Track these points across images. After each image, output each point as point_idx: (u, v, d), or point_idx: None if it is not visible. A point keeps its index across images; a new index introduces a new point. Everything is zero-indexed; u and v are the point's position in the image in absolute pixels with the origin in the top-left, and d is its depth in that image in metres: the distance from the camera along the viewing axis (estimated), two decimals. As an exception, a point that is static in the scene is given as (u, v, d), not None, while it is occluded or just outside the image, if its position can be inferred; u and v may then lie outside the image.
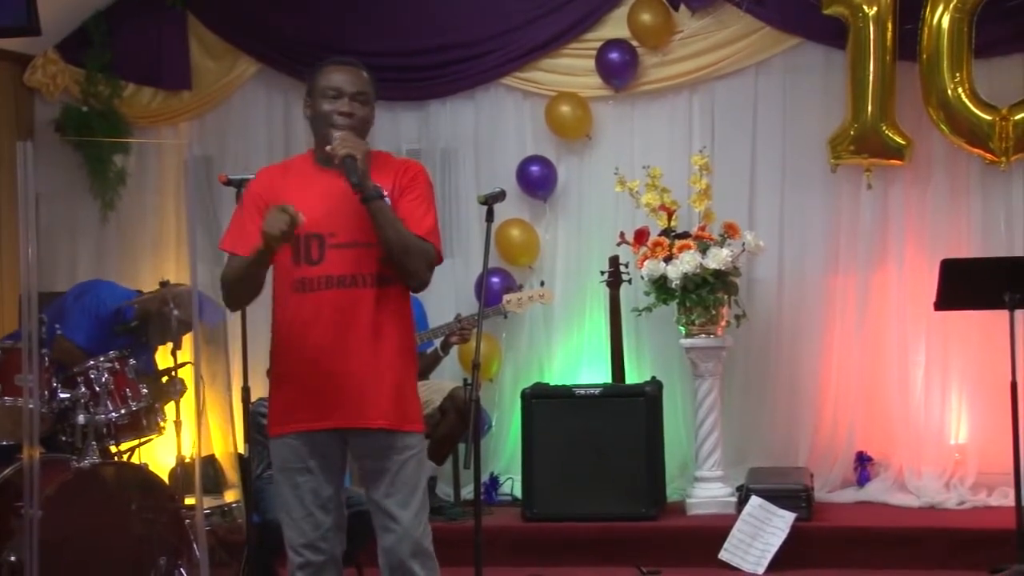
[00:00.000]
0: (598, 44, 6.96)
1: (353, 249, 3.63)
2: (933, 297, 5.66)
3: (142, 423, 5.46)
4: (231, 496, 6.16)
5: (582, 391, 6.45)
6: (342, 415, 3.66)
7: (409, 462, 3.71)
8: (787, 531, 5.90)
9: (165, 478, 5.61)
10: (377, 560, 3.75)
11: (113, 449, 5.41)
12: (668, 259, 6.38)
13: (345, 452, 3.75)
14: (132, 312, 5.76)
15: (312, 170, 3.72)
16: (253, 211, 3.67)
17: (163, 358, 6.01)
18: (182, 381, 5.54)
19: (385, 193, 3.61)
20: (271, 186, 3.72)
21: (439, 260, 3.73)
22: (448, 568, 3.86)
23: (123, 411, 5.33)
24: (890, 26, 6.45)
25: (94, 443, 5.14)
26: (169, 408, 5.57)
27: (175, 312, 5.55)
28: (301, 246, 3.63)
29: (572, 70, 7.08)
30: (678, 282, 6.33)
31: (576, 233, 7.12)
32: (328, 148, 3.59)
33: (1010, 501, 5.68)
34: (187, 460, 5.63)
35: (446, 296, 6.87)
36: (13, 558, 4.85)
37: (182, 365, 5.54)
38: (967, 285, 5.59)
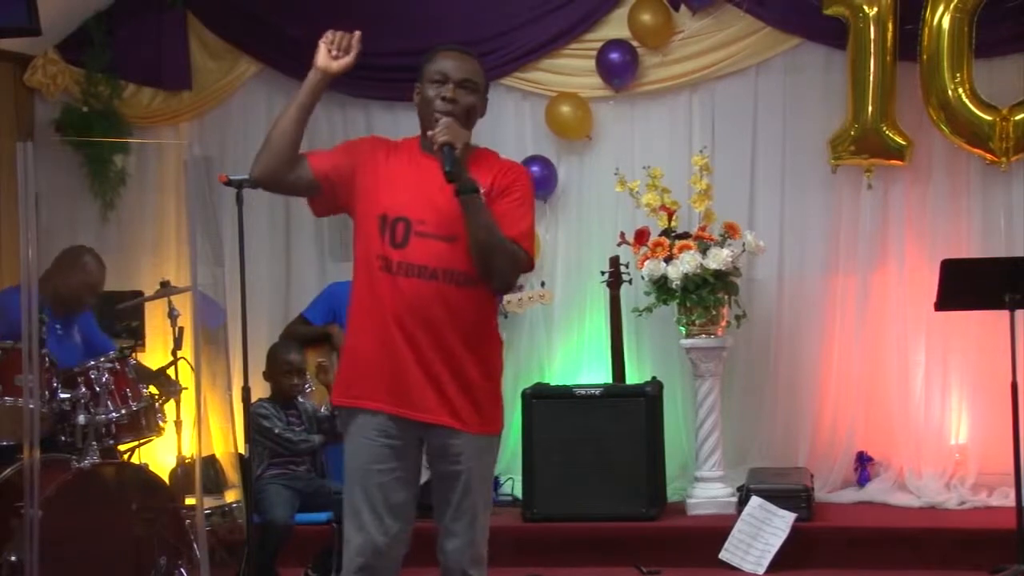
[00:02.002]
0: (598, 44, 6.95)
1: (438, 241, 3.52)
2: (933, 297, 5.67)
3: (142, 423, 5.45)
4: (231, 496, 6.14)
5: (582, 391, 6.45)
6: (415, 406, 3.53)
7: (487, 469, 3.65)
8: (787, 531, 5.90)
9: (165, 478, 5.61)
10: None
11: (120, 448, 5.41)
12: (668, 259, 6.38)
13: (420, 453, 3.63)
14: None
15: (415, 154, 3.63)
16: (346, 157, 3.62)
17: (162, 357, 6.00)
18: (178, 383, 5.55)
19: (482, 190, 3.49)
20: (375, 155, 3.63)
21: (530, 266, 3.63)
22: (448, 568, 3.86)
23: (123, 411, 5.32)
24: (890, 26, 6.46)
25: (94, 443, 5.13)
26: (170, 408, 5.57)
27: (176, 313, 5.57)
28: (388, 225, 3.53)
29: (572, 70, 7.07)
30: (678, 282, 6.34)
31: (576, 233, 7.12)
32: (428, 133, 3.51)
33: (1010, 501, 5.69)
34: (187, 460, 5.63)
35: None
36: (13, 558, 4.84)
37: (178, 359, 5.55)
38: (967, 285, 5.59)
